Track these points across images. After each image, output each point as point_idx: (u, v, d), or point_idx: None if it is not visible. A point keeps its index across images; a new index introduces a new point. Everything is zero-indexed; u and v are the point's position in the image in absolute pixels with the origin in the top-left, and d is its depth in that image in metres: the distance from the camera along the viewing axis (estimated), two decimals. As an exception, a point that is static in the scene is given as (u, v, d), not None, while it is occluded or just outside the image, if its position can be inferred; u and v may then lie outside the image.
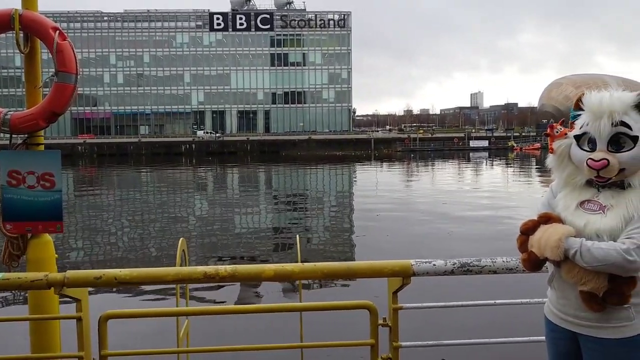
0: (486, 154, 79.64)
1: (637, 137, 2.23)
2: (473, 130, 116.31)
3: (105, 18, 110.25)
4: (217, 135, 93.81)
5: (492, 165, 60.27)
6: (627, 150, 2.24)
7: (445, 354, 7.35)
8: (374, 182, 40.68)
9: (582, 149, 2.35)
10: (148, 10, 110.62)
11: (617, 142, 2.26)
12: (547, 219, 2.38)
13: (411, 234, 18.65)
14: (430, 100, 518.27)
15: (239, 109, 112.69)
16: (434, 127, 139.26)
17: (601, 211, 2.29)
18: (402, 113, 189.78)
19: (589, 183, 2.38)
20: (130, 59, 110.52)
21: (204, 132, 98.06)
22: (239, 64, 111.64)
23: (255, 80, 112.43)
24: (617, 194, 2.29)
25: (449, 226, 19.94)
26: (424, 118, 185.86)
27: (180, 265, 3.48)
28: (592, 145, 2.31)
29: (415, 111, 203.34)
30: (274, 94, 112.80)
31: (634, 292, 2.24)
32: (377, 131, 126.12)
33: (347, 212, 26.43)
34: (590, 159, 2.28)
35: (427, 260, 2.98)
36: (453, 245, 16.54)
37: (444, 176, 45.61)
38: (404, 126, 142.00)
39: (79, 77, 3.78)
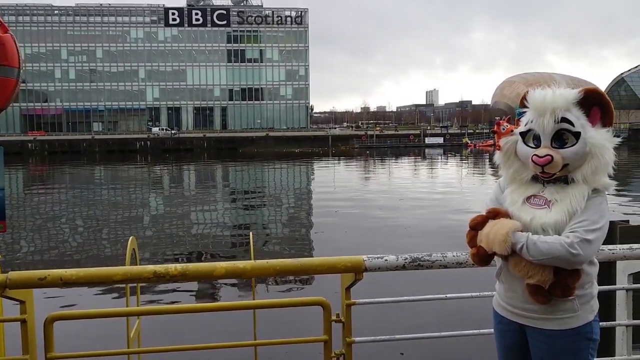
0: (441, 150, 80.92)
1: (579, 133, 2.28)
2: (428, 128, 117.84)
3: (56, 12, 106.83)
4: (173, 132, 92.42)
5: (447, 161, 61.27)
6: (570, 146, 2.29)
7: (399, 348, 7.44)
8: (332, 178, 40.81)
9: (527, 145, 2.39)
10: (101, 5, 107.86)
11: (560, 138, 2.30)
12: (495, 214, 2.42)
13: (369, 230, 18.79)
14: (386, 97, 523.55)
15: (195, 106, 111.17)
16: (396, 125, 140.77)
17: (546, 206, 2.34)
18: (359, 110, 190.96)
19: (534, 179, 2.43)
20: (83, 54, 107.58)
21: (159, 129, 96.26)
22: (195, 60, 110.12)
23: (212, 77, 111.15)
24: (561, 189, 2.34)
25: (406, 221, 20.21)
26: (381, 115, 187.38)
27: (131, 265, 3.40)
28: (537, 141, 2.35)
29: (372, 108, 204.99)
30: (230, 91, 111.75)
31: (578, 285, 2.30)
32: (335, 128, 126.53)
33: (305, 209, 26.45)
34: (535, 155, 2.32)
35: (379, 255, 2.99)
36: (411, 241, 16.75)
37: (401, 172, 46.13)
38: (361, 123, 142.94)
39: (22, 71, 3.65)
